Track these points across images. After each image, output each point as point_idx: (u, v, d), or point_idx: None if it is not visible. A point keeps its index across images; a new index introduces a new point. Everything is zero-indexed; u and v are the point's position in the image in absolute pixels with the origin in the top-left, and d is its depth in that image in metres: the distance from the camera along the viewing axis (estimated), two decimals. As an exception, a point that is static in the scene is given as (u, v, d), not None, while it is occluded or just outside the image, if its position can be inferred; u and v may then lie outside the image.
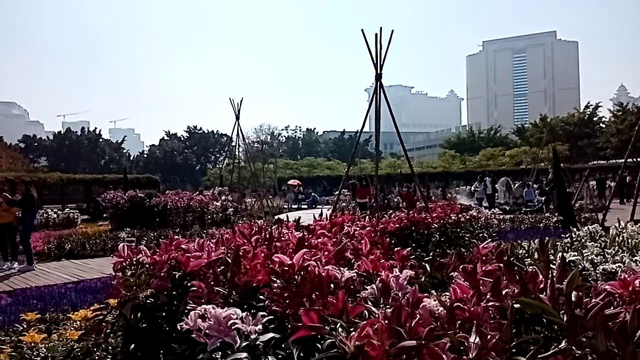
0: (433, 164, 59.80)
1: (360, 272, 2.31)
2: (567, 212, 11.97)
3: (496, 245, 2.46)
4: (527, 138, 64.99)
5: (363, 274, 2.30)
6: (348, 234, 3.41)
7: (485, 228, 7.68)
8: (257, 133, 76.61)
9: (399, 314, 1.43)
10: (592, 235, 4.24)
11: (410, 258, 2.61)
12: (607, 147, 55.62)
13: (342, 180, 12.34)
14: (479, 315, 1.49)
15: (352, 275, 2.12)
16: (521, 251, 3.75)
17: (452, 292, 1.70)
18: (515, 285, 1.65)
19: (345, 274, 2.07)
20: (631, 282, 1.49)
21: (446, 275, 2.28)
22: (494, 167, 47.27)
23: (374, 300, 1.89)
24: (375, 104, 9.20)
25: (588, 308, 1.40)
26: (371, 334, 1.35)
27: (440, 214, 6.50)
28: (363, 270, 2.32)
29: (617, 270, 2.93)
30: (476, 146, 67.87)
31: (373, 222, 5.05)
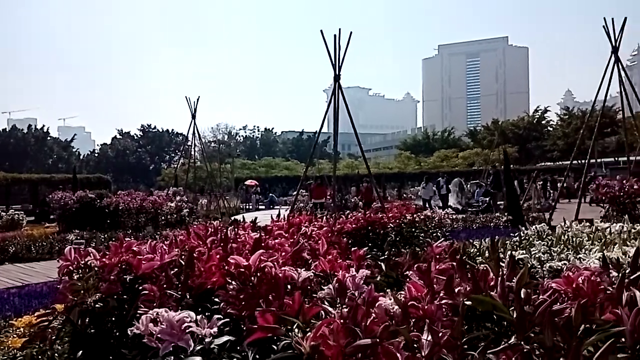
0: (389, 165, 60.78)
1: (318, 273, 2.31)
2: (516, 211, 12.42)
3: (449, 245, 2.52)
4: (479, 140, 67.12)
5: (320, 274, 2.30)
6: (305, 235, 3.40)
7: (439, 228, 7.86)
8: (214, 132, 75.58)
9: (355, 313, 1.44)
10: (539, 234, 4.41)
11: (367, 258, 2.63)
12: (554, 149, 58.16)
13: (300, 181, 12.34)
14: (432, 313, 1.51)
15: (309, 276, 2.12)
16: (473, 250, 3.85)
17: (407, 291, 1.72)
18: (467, 283, 1.69)
19: (302, 275, 2.07)
20: (575, 279, 1.55)
21: (401, 274, 2.31)
22: (448, 168, 48.53)
23: (330, 300, 1.89)
24: (334, 105, 9.25)
25: (536, 305, 1.45)
26: (327, 333, 1.35)
27: (396, 214, 6.60)
28: (320, 270, 2.32)
29: (563, 267, 3.06)
30: (431, 148, 69.43)
31: (330, 222, 5.07)
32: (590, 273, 1.59)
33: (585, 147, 17.22)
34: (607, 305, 1.41)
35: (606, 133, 49.58)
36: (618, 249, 3.22)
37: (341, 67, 9.24)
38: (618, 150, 45.70)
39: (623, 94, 13.08)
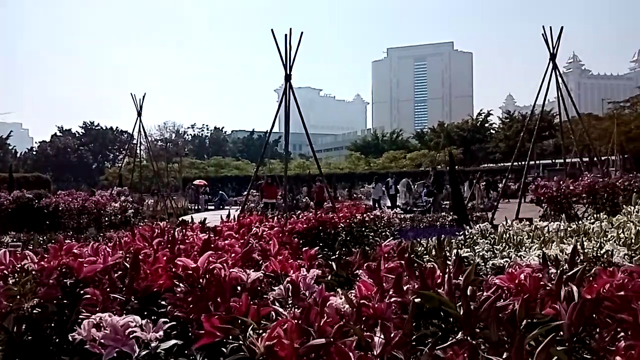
0: (340, 165, 61.40)
1: (268, 273, 2.29)
2: (461, 211, 12.85)
3: (398, 244, 2.56)
4: (426, 142, 69.08)
5: (271, 275, 2.29)
6: (256, 235, 3.37)
7: (388, 227, 7.99)
8: (160, 131, 73.57)
9: (308, 313, 1.43)
10: (482, 232, 4.56)
11: (318, 257, 2.64)
12: (496, 151, 60.71)
13: (251, 181, 12.22)
14: (382, 312, 1.53)
15: (259, 277, 2.09)
16: (420, 249, 3.94)
17: (357, 290, 1.73)
18: (415, 281, 1.73)
19: (251, 276, 2.04)
20: (517, 276, 1.62)
21: (351, 273, 2.33)
22: (396, 168, 49.60)
23: (281, 301, 1.88)
24: (285, 105, 9.23)
25: (481, 301, 1.50)
26: (281, 334, 1.34)
27: (346, 213, 6.66)
28: (271, 271, 2.30)
29: (505, 264, 3.18)
30: (380, 149, 70.73)
31: (281, 222, 5.05)
32: (531, 270, 1.66)
33: (525, 150, 18.06)
34: (547, 301, 1.48)
35: (544, 136, 52.28)
36: (556, 246, 3.39)
37: (292, 67, 9.23)
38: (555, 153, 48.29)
39: (560, 99, 13.80)
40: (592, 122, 45.79)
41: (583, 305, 1.34)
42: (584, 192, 10.62)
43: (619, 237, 3.56)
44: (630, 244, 3.36)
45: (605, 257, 3.01)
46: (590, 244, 3.29)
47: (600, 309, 1.36)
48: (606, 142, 37.54)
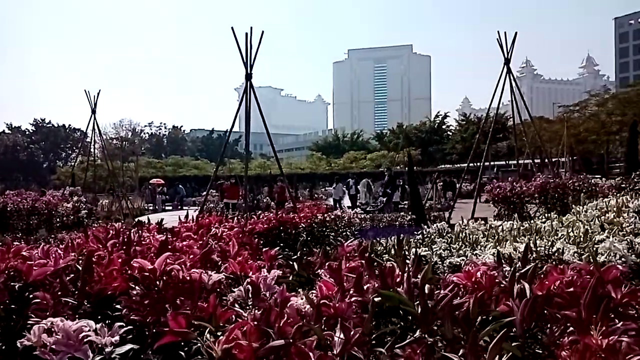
0: (301, 166, 61.39)
1: (228, 275, 2.26)
2: (419, 210, 13.10)
3: (358, 243, 2.59)
4: (385, 143, 70.10)
5: (231, 276, 2.26)
6: (215, 236, 3.32)
7: (349, 227, 8.06)
8: (116, 129, 71.48)
9: (268, 314, 1.42)
10: (440, 232, 4.66)
11: (279, 258, 2.63)
12: (453, 152, 62.21)
13: (210, 181, 12.04)
14: (343, 311, 1.54)
15: (219, 278, 2.07)
16: (380, 248, 3.99)
17: (318, 290, 1.74)
18: (375, 280, 1.75)
19: (212, 277, 2.01)
20: (473, 274, 1.66)
21: (313, 273, 2.33)
22: (357, 169, 50.05)
23: (241, 302, 1.86)
24: (245, 104, 9.13)
25: (438, 299, 1.53)
26: (240, 336, 1.32)
27: (307, 214, 6.67)
28: (231, 272, 2.28)
29: (461, 263, 3.26)
30: (341, 149, 71.20)
31: (241, 222, 5.00)
32: (486, 268, 1.71)
33: (480, 151, 18.58)
34: (501, 298, 1.53)
35: (499, 138, 53.95)
36: (510, 245, 3.50)
37: (253, 66, 9.15)
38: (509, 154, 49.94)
39: (514, 102, 14.28)
40: (544, 125, 47.66)
41: (534, 301, 1.39)
42: (535, 193, 11.03)
43: (568, 236, 3.71)
44: (579, 242, 3.52)
45: (556, 255, 3.14)
46: (541, 243, 3.42)
47: (551, 305, 1.41)
48: (557, 144, 39.16)
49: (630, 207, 5.59)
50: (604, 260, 3.03)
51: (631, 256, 3.26)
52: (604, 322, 1.19)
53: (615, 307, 1.36)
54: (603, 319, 1.20)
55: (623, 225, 4.36)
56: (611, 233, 3.95)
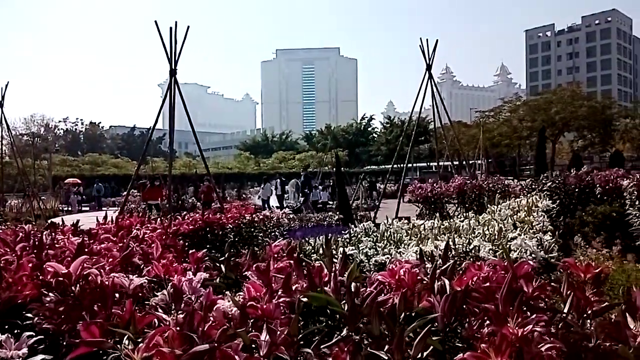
0: (229, 165, 60.41)
1: (151, 278, 2.17)
2: (346, 210, 13.33)
3: (287, 243, 2.58)
4: (314, 144, 70.84)
5: (154, 280, 2.17)
6: (137, 238, 3.18)
7: (277, 227, 8.03)
8: (27, 124, 66.45)
9: (191, 318, 1.38)
10: (366, 231, 4.77)
11: (205, 260, 2.56)
12: (378, 154, 64.01)
13: (131, 180, 11.51)
14: (270, 312, 1.53)
15: (141, 282, 1.98)
16: (309, 248, 4.02)
17: (246, 291, 1.71)
18: (304, 280, 1.75)
19: (133, 281, 1.92)
20: (397, 272, 1.71)
21: (240, 274, 2.30)
22: (286, 169, 50.11)
23: (165, 307, 1.79)
24: (170, 101, 8.83)
25: (364, 297, 1.56)
26: (161, 342, 1.27)
27: (235, 214, 6.57)
28: (154, 275, 2.18)
29: (386, 261, 3.36)
30: (269, 149, 70.99)
31: (165, 224, 4.83)
32: (409, 265, 1.76)
33: (404, 153, 19.26)
34: (423, 294, 1.58)
35: (421, 141, 56.26)
36: (431, 243, 3.65)
37: (177, 61, 8.87)
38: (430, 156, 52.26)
39: (434, 107, 14.92)
40: (462, 129, 50.32)
41: (454, 297, 1.45)
42: (454, 193, 11.60)
43: (484, 234, 3.94)
44: (494, 239, 3.74)
45: (473, 252, 3.31)
46: (460, 241, 3.60)
47: (470, 299, 1.48)
48: (473, 148, 41.49)
49: (539, 207, 6.04)
50: (516, 256, 3.25)
51: (540, 252, 3.52)
52: (518, 314, 1.27)
53: (527, 300, 1.45)
54: (518, 312, 1.29)
55: (533, 224, 4.69)
56: (522, 231, 4.24)
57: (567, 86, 58.17)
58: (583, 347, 1.35)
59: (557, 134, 50.26)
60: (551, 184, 9.59)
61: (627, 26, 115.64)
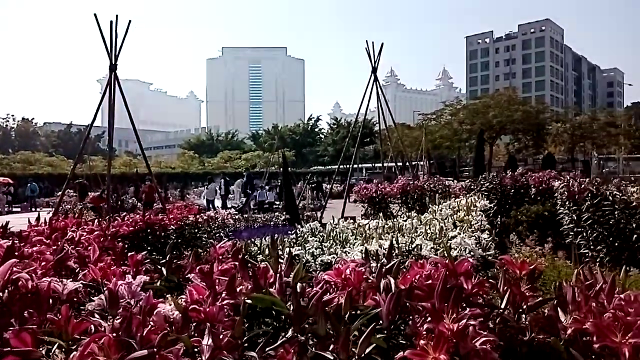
0: (172, 164, 58.92)
1: (88, 282, 2.07)
2: (293, 210, 13.33)
3: (232, 244, 2.53)
4: (260, 143, 70.42)
5: (91, 284, 2.07)
6: (73, 240, 3.02)
7: (222, 228, 7.91)
8: (-50, 119, 62.01)
9: (129, 323, 1.32)
10: (312, 231, 4.78)
11: (146, 262, 2.47)
12: (325, 154, 64.50)
13: (67, 180, 10.96)
14: (214, 315, 1.49)
15: (76, 287, 1.88)
16: (254, 249, 3.97)
17: (188, 294, 1.66)
18: (249, 281, 1.72)
19: (68, 286, 1.82)
20: (343, 271, 1.72)
21: (183, 277, 2.23)
22: (231, 169, 49.47)
23: (102, 313, 1.71)
24: (109, 97, 8.48)
25: (310, 297, 1.55)
26: (96, 350, 1.21)
27: (178, 215, 6.41)
28: (91, 279, 2.09)
29: (332, 260, 3.38)
30: (215, 148, 69.91)
31: (103, 225, 4.63)
32: (355, 264, 1.77)
33: (350, 154, 19.52)
34: (368, 293, 1.60)
35: (366, 142, 57.27)
36: (376, 242, 3.71)
37: (118, 56, 8.54)
38: (375, 157, 53.25)
39: (380, 109, 15.20)
40: (405, 131, 51.66)
41: (399, 295, 1.48)
42: (398, 193, 11.87)
43: (426, 233, 4.05)
44: (435, 238, 3.85)
45: (416, 251, 3.39)
46: (404, 239, 3.68)
47: (413, 297, 1.51)
48: (416, 149, 42.69)
49: (478, 207, 6.28)
50: (456, 254, 3.36)
51: (479, 250, 3.66)
52: (454, 310, 1.31)
53: (467, 297, 1.50)
54: (454, 308, 1.32)
55: (472, 223, 4.88)
56: (462, 230, 4.39)
57: (504, 91, 60.99)
58: (518, 341, 1.41)
59: (494, 137, 52.62)
60: (489, 184, 10.00)
61: (559, 35, 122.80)
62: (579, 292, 1.47)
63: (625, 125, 59.78)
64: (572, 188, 6.61)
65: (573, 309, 1.42)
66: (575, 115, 59.88)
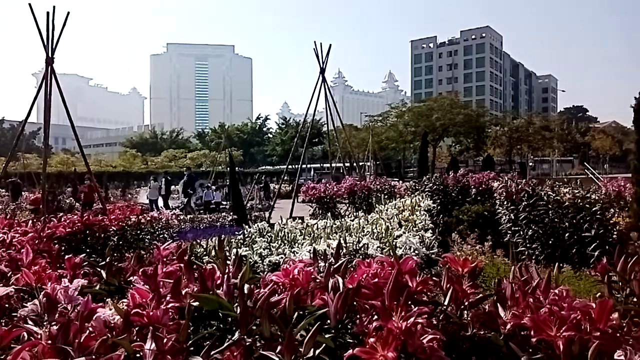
0: (113, 163, 56.79)
1: (20, 287, 1.95)
2: (240, 211, 13.18)
3: (177, 246, 2.47)
4: (207, 142, 69.21)
5: (24, 289, 1.96)
6: (4, 243, 2.85)
7: (166, 229, 7.69)
8: None
9: (66, 329, 1.26)
10: (260, 231, 4.75)
11: (84, 265, 2.36)
12: (273, 154, 64.26)
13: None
14: (158, 319, 1.45)
15: (7, 292, 1.77)
16: (200, 250, 3.89)
17: (131, 298, 1.60)
18: (195, 283, 1.68)
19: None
20: (291, 271, 1.71)
21: (124, 280, 2.15)
22: (176, 168, 48.25)
23: (36, 319, 1.62)
24: (45, 92, 8.05)
25: (257, 298, 1.54)
26: (29, 358, 1.14)
27: (119, 215, 6.17)
28: (23, 284, 1.97)
29: (280, 261, 3.37)
30: (159, 147, 68.04)
31: (38, 227, 4.39)
32: (303, 265, 1.77)
33: (298, 154, 19.54)
34: (317, 293, 1.60)
35: (315, 142, 57.57)
36: (324, 242, 3.73)
37: (55, 49, 8.12)
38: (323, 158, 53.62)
39: (328, 110, 15.31)
40: (353, 132, 52.36)
41: (346, 294, 1.49)
42: (345, 193, 12.00)
43: (373, 232, 4.11)
44: (381, 237, 3.92)
45: (363, 250, 3.44)
46: (351, 239, 3.72)
47: (360, 296, 1.53)
48: (363, 150, 43.31)
49: (422, 207, 6.46)
50: (401, 252, 3.43)
51: (423, 249, 3.76)
52: (402, 309, 1.34)
53: (412, 295, 1.53)
54: (403, 306, 1.35)
55: (416, 222, 5.00)
56: (407, 229, 4.50)
57: (447, 95, 63.12)
58: (461, 336, 1.46)
59: (437, 139, 54.31)
60: (432, 185, 10.30)
61: (499, 42, 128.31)
62: (516, 288, 1.53)
63: (558, 129, 63.52)
64: (510, 189, 6.92)
65: (512, 304, 1.48)
66: (513, 119, 62.85)
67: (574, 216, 6.09)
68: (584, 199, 6.23)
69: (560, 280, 1.80)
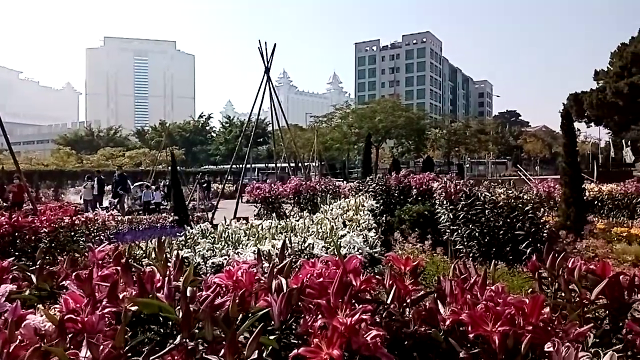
0: (45, 161, 53.78)
1: (-63, 295, 1.80)
2: (182, 211, 12.87)
3: (114, 248, 2.37)
4: (147, 140, 67.06)
5: (-59, 296, 1.81)
6: None
7: (103, 230, 7.39)
8: None
9: (-8, 339, 1.17)
10: (203, 232, 4.65)
11: (13, 269, 2.21)
12: (217, 154, 63.23)
13: None
14: (93, 325, 1.38)
15: None
16: (139, 252, 3.76)
17: (64, 303, 1.52)
18: (133, 287, 1.62)
19: None
20: (235, 273, 1.68)
21: (57, 285, 2.04)
22: (113, 167, 46.38)
23: (-44, 328, 1.50)
24: (-32, 84, 7.52)
25: (200, 301, 1.50)
26: (-51, 373, 1.06)
27: (51, 217, 5.86)
28: (-59, 291, 1.82)
29: (224, 262, 3.31)
30: (95, 145, 65.21)
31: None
32: (247, 266, 1.75)
33: (243, 153, 19.34)
34: (260, 294, 1.59)
35: (259, 142, 57.20)
36: (269, 242, 3.71)
37: (-19, 39, 7.60)
38: (268, 157, 53.37)
39: (273, 109, 15.25)
40: (298, 132, 52.45)
41: (290, 294, 1.48)
42: (290, 193, 12.00)
43: (318, 232, 4.13)
44: (326, 237, 3.94)
45: (308, 250, 3.45)
46: (296, 239, 3.72)
47: (305, 296, 1.53)
48: (308, 151, 43.52)
49: (366, 206, 6.56)
50: (346, 252, 3.47)
51: (366, 248, 3.82)
52: (347, 307, 1.35)
53: (356, 293, 1.55)
54: (347, 304, 1.36)
55: (360, 222, 5.08)
56: (351, 228, 4.56)
57: (389, 98, 64.57)
58: (403, 333, 1.49)
59: (380, 141, 55.46)
60: (375, 185, 10.50)
61: (438, 47, 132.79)
62: (455, 285, 1.59)
63: (493, 132, 66.68)
64: (449, 189, 7.17)
65: (451, 301, 1.54)
66: (451, 122, 65.32)
67: (508, 215, 6.41)
68: (517, 199, 6.57)
69: (496, 276, 1.89)
